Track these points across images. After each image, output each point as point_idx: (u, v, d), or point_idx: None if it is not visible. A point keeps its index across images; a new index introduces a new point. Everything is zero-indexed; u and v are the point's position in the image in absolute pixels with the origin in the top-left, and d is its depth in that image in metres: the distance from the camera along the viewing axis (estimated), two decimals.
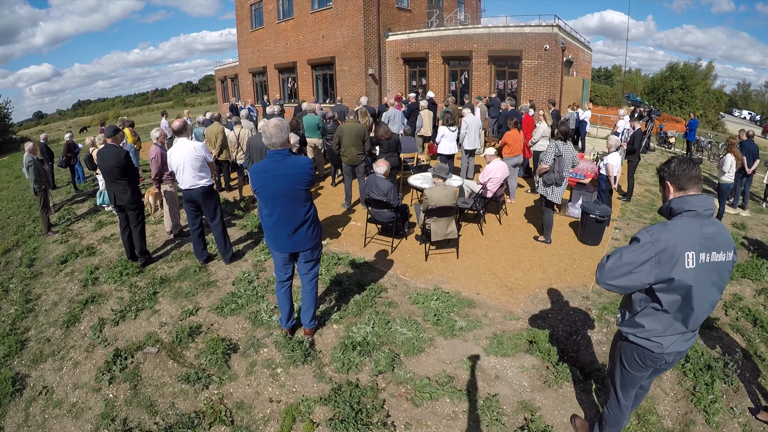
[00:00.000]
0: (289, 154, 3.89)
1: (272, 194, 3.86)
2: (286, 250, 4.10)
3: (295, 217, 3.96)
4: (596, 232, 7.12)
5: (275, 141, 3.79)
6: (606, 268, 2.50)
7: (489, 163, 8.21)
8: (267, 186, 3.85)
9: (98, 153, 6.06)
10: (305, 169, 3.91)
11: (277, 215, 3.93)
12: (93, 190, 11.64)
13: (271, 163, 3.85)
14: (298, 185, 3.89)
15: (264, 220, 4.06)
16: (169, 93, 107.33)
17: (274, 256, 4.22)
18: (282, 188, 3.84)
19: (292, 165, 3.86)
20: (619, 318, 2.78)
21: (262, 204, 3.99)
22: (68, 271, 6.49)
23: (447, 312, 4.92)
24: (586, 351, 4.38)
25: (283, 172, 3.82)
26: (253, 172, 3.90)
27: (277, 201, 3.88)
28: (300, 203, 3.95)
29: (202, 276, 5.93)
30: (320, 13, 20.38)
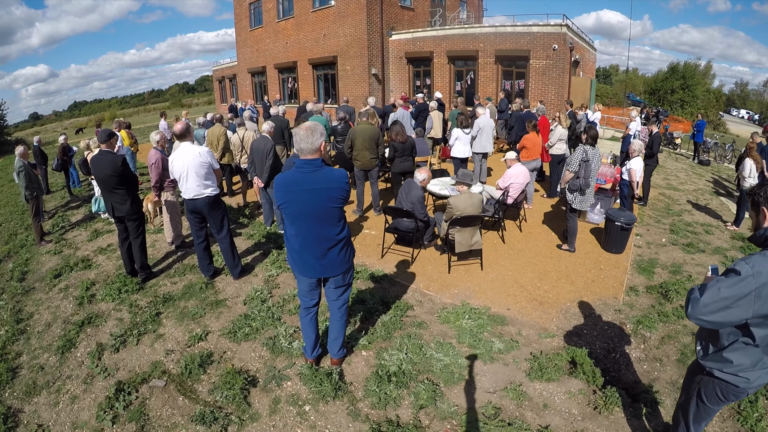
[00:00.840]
0: (322, 164, 3.35)
1: (300, 212, 3.35)
2: (315, 275, 3.62)
3: (325, 238, 3.46)
4: (621, 239, 6.83)
5: (304, 147, 3.26)
6: (701, 303, 2.24)
7: (510, 167, 7.86)
8: (294, 202, 3.32)
9: (92, 161, 5.54)
10: (340, 184, 3.37)
11: (305, 236, 3.43)
12: (88, 195, 11.11)
13: (300, 175, 3.31)
14: (331, 202, 3.36)
15: (289, 240, 3.55)
16: (165, 94, 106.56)
17: (299, 280, 3.72)
18: (312, 205, 3.32)
19: (325, 178, 3.32)
20: (700, 351, 2.57)
21: (287, 222, 3.48)
22: (62, 287, 5.99)
23: (480, 331, 4.58)
24: (627, 370, 4.14)
25: (314, 187, 3.29)
26: (278, 185, 3.37)
27: (305, 220, 3.38)
28: (332, 223, 3.45)
29: (209, 294, 5.44)
30: (322, 12, 19.90)
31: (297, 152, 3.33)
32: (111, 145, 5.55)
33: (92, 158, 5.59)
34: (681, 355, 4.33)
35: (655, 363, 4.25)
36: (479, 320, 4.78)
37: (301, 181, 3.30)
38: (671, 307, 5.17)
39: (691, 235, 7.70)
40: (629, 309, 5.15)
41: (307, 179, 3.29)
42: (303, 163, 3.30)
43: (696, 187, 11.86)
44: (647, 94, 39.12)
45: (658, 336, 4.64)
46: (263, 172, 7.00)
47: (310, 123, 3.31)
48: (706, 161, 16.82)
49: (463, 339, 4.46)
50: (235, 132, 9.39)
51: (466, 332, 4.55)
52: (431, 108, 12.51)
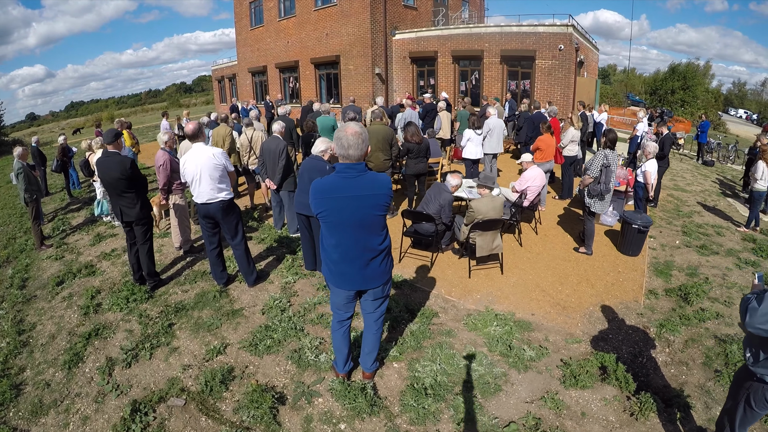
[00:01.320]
0: (365, 169, 3.09)
1: (341, 221, 3.09)
2: (354, 287, 3.36)
3: (368, 249, 3.20)
4: (637, 242, 6.75)
5: (353, 153, 2.98)
6: (759, 312, 2.35)
7: (526, 170, 7.70)
8: (334, 210, 3.06)
9: (99, 163, 5.23)
10: (384, 190, 3.12)
11: (347, 247, 3.17)
12: (89, 197, 10.80)
13: (341, 181, 3.05)
14: (376, 210, 3.11)
15: (327, 251, 3.27)
16: (162, 94, 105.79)
17: (334, 293, 3.45)
18: (354, 214, 3.07)
19: (369, 184, 3.07)
20: (750, 358, 2.62)
21: (327, 232, 3.20)
22: (66, 295, 5.69)
23: (509, 338, 4.46)
24: (656, 374, 4.12)
25: (356, 193, 3.04)
26: (316, 192, 3.10)
27: (348, 229, 3.11)
28: (376, 232, 3.20)
29: (223, 303, 5.15)
30: (324, 11, 19.61)
31: (343, 156, 3.04)
32: (118, 145, 5.26)
33: (98, 160, 5.29)
34: (706, 359, 4.31)
35: (681, 367, 4.23)
36: (506, 327, 4.65)
37: (343, 187, 3.05)
38: (692, 310, 5.16)
39: (703, 237, 7.69)
40: (651, 312, 5.13)
41: (350, 185, 3.04)
42: (345, 168, 3.04)
43: (703, 188, 11.86)
44: (647, 94, 38.96)
45: (681, 339, 4.62)
46: (275, 173, 6.72)
47: (356, 126, 3.03)
48: (710, 162, 16.75)
49: (494, 347, 4.32)
50: (241, 132, 9.11)
51: (495, 340, 4.42)
52: (440, 108, 12.26)
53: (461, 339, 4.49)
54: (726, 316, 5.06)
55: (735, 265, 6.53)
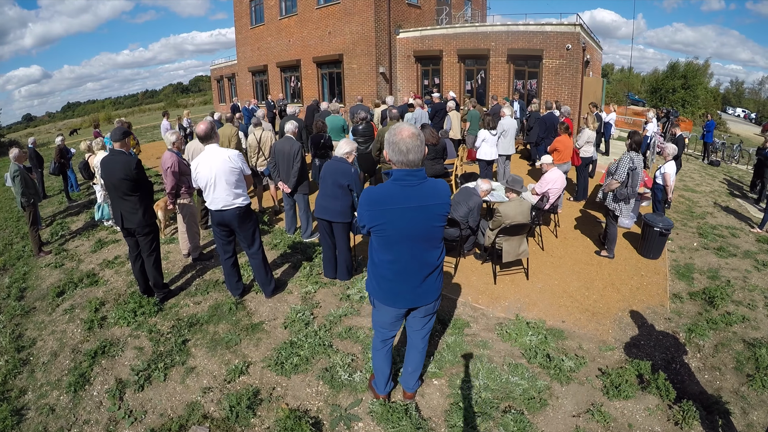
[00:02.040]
0: (426, 176, 2.77)
1: (401, 235, 2.76)
2: (406, 305, 3.04)
3: (426, 264, 2.88)
4: (659, 245, 6.66)
5: (413, 158, 2.66)
6: None
7: (547, 172, 7.45)
8: (394, 223, 2.73)
9: (103, 162, 4.83)
10: (446, 198, 2.82)
11: (405, 263, 2.85)
12: (88, 200, 10.39)
13: (401, 190, 2.71)
14: (437, 221, 2.81)
15: (381, 268, 2.93)
16: (159, 94, 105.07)
17: (381, 311, 3.11)
18: (416, 226, 2.76)
19: (431, 193, 2.76)
20: None
21: (381, 247, 2.87)
22: (67, 307, 5.31)
23: (545, 348, 4.31)
24: (691, 381, 4.04)
25: (419, 203, 2.72)
26: (371, 203, 2.76)
27: (406, 244, 2.79)
28: (435, 245, 2.90)
29: (241, 316, 4.79)
30: (327, 9, 19.23)
31: (401, 163, 2.69)
32: (125, 144, 4.88)
33: (103, 159, 4.90)
34: (737, 363, 4.25)
35: (714, 372, 4.16)
36: (539, 336, 4.49)
37: (404, 197, 2.71)
38: (718, 314, 5.10)
39: (719, 239, 7.64)
40: (678, 317, 5.07)
41: (411, 194, 2.72)
42: (405, 175, 2.71)
43: (711, 188, 11.81)
44: (648, 93, 38.85)
45: (711, 344, 4.57)
46: (290, 176, 6.36)
47: (411, 127, 2.69)
48: (716, 162, 16.68)
49: (532, 359, 4.14)
50: (246, 132, 8.75)
51: (532, 351, 4.24)
52: (449, 108, 11.92)
53: (498, 351, 4.28)
54: (752, 320, 5.00)
55: (754, 268, 6.48)
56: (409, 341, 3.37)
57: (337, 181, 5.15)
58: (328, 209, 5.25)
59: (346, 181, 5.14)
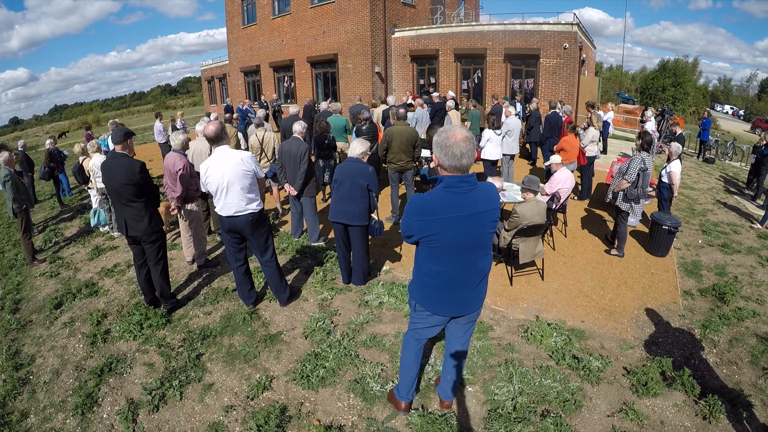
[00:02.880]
0: (477, 181, 2.57)
1: (454, 245, 2.57)
2: (453, 313, 2.85)
3: (478, 272, 2.70)
4: (666, 243, 6.72)
5: (467, 162, 2.47)
6: None
7: (556, 172, 7.38)
8: (446, 233, 2.53)
9: (104, 167, 4.54)
10: (497, 204, 2.65)
11: (456, 273, 2.66)
12: (81, 204, 10.03)
13: (452, 197, 2.52)
14: (489, 228, 2.62)
15: (428, 277, 2.73)
16: (147, 96, 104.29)
17: (422, 315, 2.92)
18: (469, 235, 2.57)
19: (484, 198, 2.58)
20: None
21: (430, 257, 2.66)
22: (66, 320, 5.00)
23: (570, 349, 4.29)
24: (710, 376, 4.11)
25: (473, 211, 2.54)
26: (421, 212, 2.56)
27: (458, 253, 2.59)
28: (487, 252, 2.72)
29: (256, 326, 4.52)
30: (321, 8, 18.95)
31: (453, 168, 2.48)
32: (128, 147, 4.59)
33: (103, 163, 4.61)
34: (752, 357, 4.33)
35: (732, 366, 4.22)
36: (563, 336, 4.47)
37: (455, 205, 2.52)
38: (729, 309, 5.18)
39: (722, 236, 7.74)
40: (691, 314, 5.14)
41: (464, 202, 2.53)
42: (458, 181, 2.51)
43: (709, 185, 11.92)
44: (638, 92, 39.12)
45: (725, 339, 4.63)
46: (297, 178, 6.12)
47: (463, 130, 2.49)
48: (711, 159, 16.79)
49: (560, 360, 4.11)
50: (245, 133, 8.47)
51: (559, 352, 4.22)
52: (448, 107, 11.73)
53: (526, 353, 4.22)
54: (762, 315, 5.10)
55: (758, 263, 6.59)
56: (449, 348, 3.18)
57: (356, 182, 4.95)
58: (346, 212, 5.03)
59: (365, 182, 4.96)
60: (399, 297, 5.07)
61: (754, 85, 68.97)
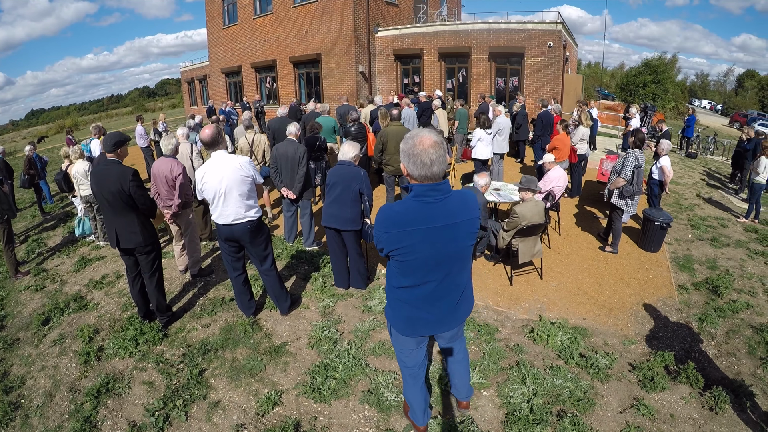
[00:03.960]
0: (450, 188, 2.37)
1: (427, 259, 2.37)
2: (429, 332, 2.68)
3: (454, 287, 2.51)
4: (658, 238, 6.84)
5: (438, 170, 2.25)
6: None
7: (549, 170, 7.41)
8: (417, 246, 2.32)
9: (94, 174, 4.33)
10: (476, 212, 2.43)
11: (432, 289, 2.46)
12: (63, 212, 9.69)
13: (424, 207, 2.30)
14: (468, 239, 2.43)
15: (400, 292, 2.54)
16: (125, 99, 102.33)
17: (399, 340, 2.75)
18: (445, 247, 2.36)
19: (460, 207, 2.36)
20: None
21: (400, 272, 2.46)
22: (56, 337, 4.77)
23: (576, 348, 4.32)
24: (711, 367, 4.19)
25: (447, 222, 2.32)
26: (389, 224, 2.35)
27: (432, 268, 2.40)
28: (466, 265, 2.53)
29: (259, 338, 4.37)
30: (304, 7, 18.72)
31: (423, 177, 2.27)
32: (120, 155, 4.39)
33: (94, 170, 4.40)
34: (749, 348, 4.45)
35: (730, 357, 4.32)
36: (567, 335, 4.48)
37: (428, 215, 2.30)
38: (723, 302, 5.30)
39: (710, 230, 7.89)
40: (687, 307, 5.23)
41: (436, 212, 2.30)
42: (428, 190, 2.28)
43: (693, 180, 12.07)
44: (618, 88, 39.65)
45: (722, 331, 4.74)
46: (295, 182, 5.97)
47: (432, 134, 2.27)
48: (693, 154, 16.97)
49: (569, 359, 4.13)
50: (231, 136, 8.27)
51: (566, 351, 4.24)
52: (435, 106, 11.67)
53: (534, 354, 4.24)
54: (755, 306, 5.24)
55: (747, 256, 6.75)
56: (449, 363, 3.08)
57: (348, 186, 4.84)
58: (338, 217, 4.93)
59: (357, 186, 4.86)
60: None
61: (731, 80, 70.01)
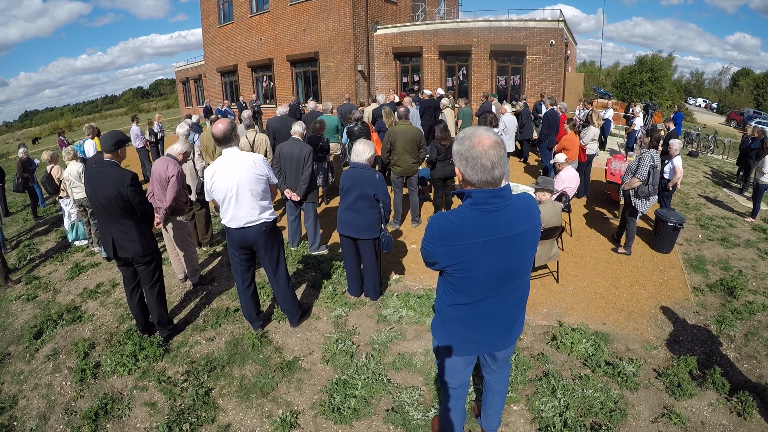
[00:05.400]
0: (512, 194, 2.08)
1: (488, 273, 2.08)
2: (484, 351, 2.41)
3: (514, 304, 2.24)
4: (671, 239, 6.70)
5: (499, 174, 1.96)
6: None
7: (561, 171, 7.24)
8: (480, 260, 2.04)
9: (89, 176, 3.99)
10: (538, 219, 2.16)
11: (488, 305, 2.18)
12: (56, 216, 9.34)
13: (485, 216, 2.02)
14: (531, 249, 2.14)
15: (454, 310, 2.24)
16: (119, 99, 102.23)
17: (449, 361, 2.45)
18: (508, 261, 2.08)
19: (523, 215, 2.09)
20: None
21: (457, 289, 2.16)
22: (49, 352, 4.44)
23: (601, 355, 4.14)
24: (733, 371, 4.05)
25: (509, 232, 2.04)
26: (446, 236, 2.05)
27: (492, 283, 2.12)
28: (527, 278, 2.25)
29: (268, 352, 4.06)
30: (301, 5, 18.43)
31: (483, 182, 1.98)
32: (118, 156, 4.06)
33: (88, 172, 4.06)
34: None
35: (752, 360, 4.21)
36: (590, 342, 4.32)
37: (488, 226, 2.01)
38: (739, 304, 5.20)
39: (719, 230, 7.77)
40: (704, 309, 5.12)
41: (499, 222, 2.02)
42: (490, 197, 1.99)
43: (697, 179, 11.93)
44: (615, 87, 39.55)
45: (741, 334, 4.63)
46: (299, 183, 5.68)
47: (491, 134, 1.97)
48: (695, 153, 16.88)
49: (596, 368, 3.96)
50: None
51: (592, 359, 4.07)
52: (443, 105, 11.39)
53: (560, 363, 4.04)
54: None
55: (758, 256, 6.65)
56: (487, 384, 2.78)
57: (362, 191, 4.48)
58: (353, 224, 4.60)
59: (372, 191, 4.47)
60: (417, 309, 4.71)
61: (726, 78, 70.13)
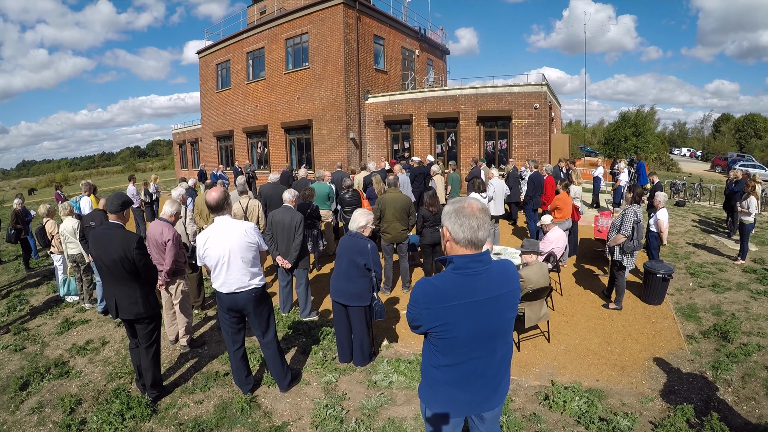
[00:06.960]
0: (491, 259, 2.24)
1: (470, 335, 2.17)
2: (470, 413, 2.45)
3: (498, 364, 2.32)
4: (661, 290, 6.84)
5: (483, 236, 2.11)
6: None
7: (548, 232, 7.52)
8: (461, 322, 2.13)
9: (94, 238, 4.12)
10: (517, 283, 2.29)
11: (474, 367, 2.25)
12: (48, 269, 9.34)
13: (466, 280, 2.14)
14: (510, 311, 2.27)
15: (438, 372, 2.30)
16: (116, 157, 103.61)
17: (435, 423, 2.48)
18: (488, 323, 2.17)
19: (502, 279, 2.21)
20: None
21: (441, 351, 2.24)
22: (34, 405, 4.40)
23: (595, 412, 4.13)
24: (732, 415, 4.09)
25: (490, 294, 2.15)
26: (429, 299, 2.14)
27: (476, 345, 2.20)
28: (508, 339, 2.37)
29: (257, 417, 4.06)
30: (296, 74, 19.39)
31: (467, 245, 2.12)
32: (123, 217, 4.24)
33: (94, 233, 4.20)
34: (767, 390, 4.41)
35: (750, 402, 4.26)
36: (583, 399, 4.32)
37: (469, 289, 2.13)
38: (734, 347, 5.30)
39: (710, 276, 7.92)
40: (699, 357, 5.19)
41: (479, 285, 2.14)
42: (470, 261, 2.13)
43: (686, 228, 12.27)
44: (601, 144, 40.84)
45: (738, 377, 4.69)
46: (291, 250, 5.84)
47: (479, 203, 2.19)
48: (682, 202, 17.16)
49: (590, 425, 3.95)
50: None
51: (585, 417, 4.06)
52: (433, 172, 11.78)
53: (553, 423, 4.05)
54: (767, 347, 5.27)
55: (750, 298, 6.82)
56: None
57: (353, 260, 4.64)
58: (343, 291, 4.74)
59: (363, 260, 4.61)
60: (408, 374, 4.74)
61: (708, 126, 72.32)
